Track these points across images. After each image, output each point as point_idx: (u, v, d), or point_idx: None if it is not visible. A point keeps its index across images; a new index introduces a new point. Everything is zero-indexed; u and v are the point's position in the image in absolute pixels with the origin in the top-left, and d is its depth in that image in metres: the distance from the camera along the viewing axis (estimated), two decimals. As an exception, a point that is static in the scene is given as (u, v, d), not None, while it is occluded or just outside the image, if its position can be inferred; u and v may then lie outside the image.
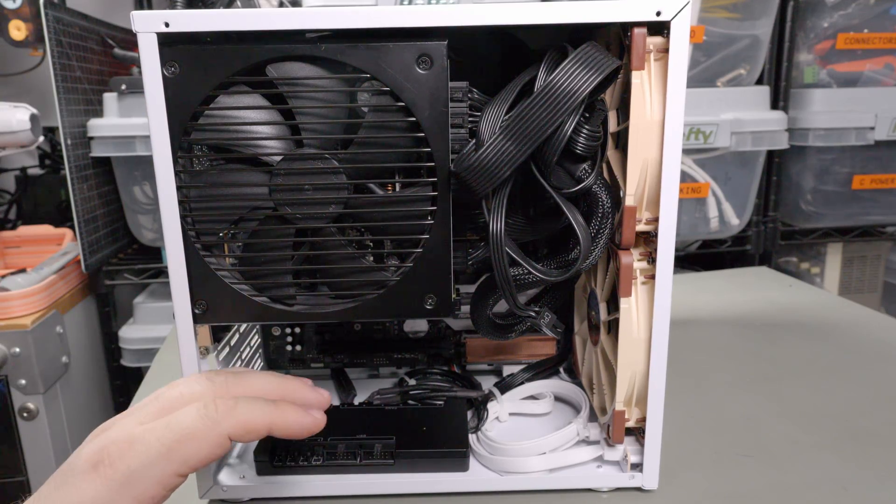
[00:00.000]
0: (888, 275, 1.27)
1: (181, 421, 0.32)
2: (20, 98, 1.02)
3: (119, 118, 1.03)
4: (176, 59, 0.36)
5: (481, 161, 0.36)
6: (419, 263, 0.40)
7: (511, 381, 0.55)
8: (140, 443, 0.31)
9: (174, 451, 0.31)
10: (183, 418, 0.32)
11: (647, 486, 0.44)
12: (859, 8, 1.09)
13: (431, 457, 0.45)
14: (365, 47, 0.36)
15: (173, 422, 0.32)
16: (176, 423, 0.32)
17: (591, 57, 0.35)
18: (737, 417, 0.54)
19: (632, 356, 0.42)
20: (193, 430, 0.32)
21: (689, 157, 1.07)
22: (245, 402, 0.34)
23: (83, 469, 0.31)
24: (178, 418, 0.32)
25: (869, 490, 0.44)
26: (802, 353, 0.67)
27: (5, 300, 0.95)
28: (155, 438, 0.31)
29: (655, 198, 0.39)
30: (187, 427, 0.32)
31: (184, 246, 0.39)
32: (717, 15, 1.03)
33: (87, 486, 0.30)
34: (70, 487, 0.30)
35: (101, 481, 0.30)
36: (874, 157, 1.13)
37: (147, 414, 0.33)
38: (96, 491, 0.30)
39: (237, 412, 0.33)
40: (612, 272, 0.43)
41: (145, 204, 1.11)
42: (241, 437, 0.34)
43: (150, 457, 0.31)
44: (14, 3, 1.07)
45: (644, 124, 0.38)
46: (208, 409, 0.33)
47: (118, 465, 0.30)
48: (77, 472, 0.31)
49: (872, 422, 0.53)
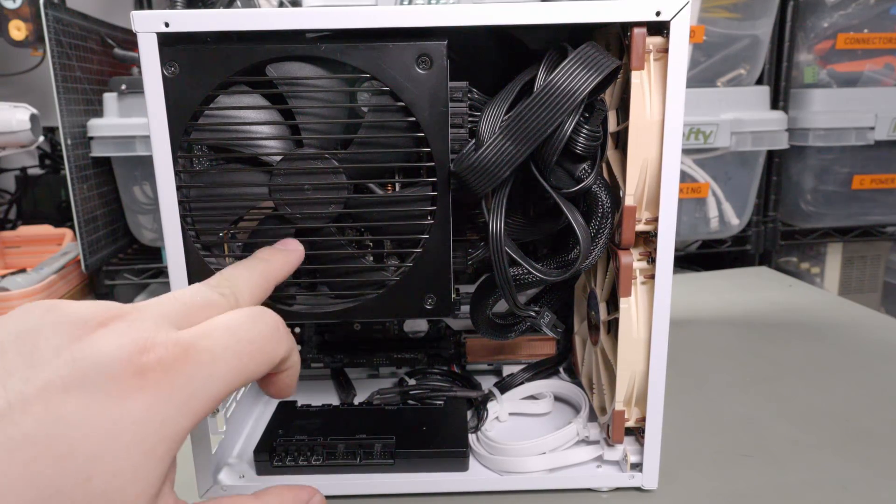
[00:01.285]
0: (888, 275, 1.27)
1: (240, 325, 0.26)
2: (20, 98, 1.02)
3: (119, 118, 1.03)
4: (176, 59, 0.36)
5: (481, 161, 0.36)
6: (419, 263, 0.40)
7: (511, 381, 0.55)
8: (202, 352, 0.24)
9: (244, 364, 0.26)
10: (243, 322, 0.26)
11: (646, 485, 0.44)
12: (859, 8, 1.09)
13: (431, 457, 0.45)
14: (365, 47, 0.36)
15: (234, 327, 0.26)
16: (240, 331, 0.26)
17: (591, 57, 0.35)
18: (737, 417, 0.54)
19: (631, 356, 0.42)
20: (260, 337, 0.26)
21: (689, 157, 1.07)
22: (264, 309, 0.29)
23: (123, 373, 0.22)
24: (236, 323, 0.26)
25: (869, 490, 0.44)
26: (802, 353, 0.67)
27: (5, 300, 0.95)
28: (222, 347, 0.25)
29: (655, 198, 0.39)
30: (258, 334, 0.26)
31: (184, 246, 0.39)
32: (717, 15, 1.03)
33: (135, 399, 0.22)
34: (104, 397, 0.21)
35: (152, 393, 0.22)
36: (874, 157, 1.13)
37: (174, 315, 0.26)
38: (147, 406, 0.22)
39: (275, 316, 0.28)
40: (612, 272, 0.43)
41: (145, 204, 1.11)
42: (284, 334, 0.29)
43: (217, 370, 0.24)
44: (14, 3, 1.07)
45: (644, 124, 0.38)
46: (264, 314, 0.28)
47: (175, 376, 0.23)
48: (113, 376, 0.22)
49: (872, 422, 0.53)
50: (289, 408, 0.50)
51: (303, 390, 0.57)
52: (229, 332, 0.26)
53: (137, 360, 0.22)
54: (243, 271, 0.32)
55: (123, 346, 0.22)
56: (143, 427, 0.22)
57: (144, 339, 0.23)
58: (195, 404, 0.24)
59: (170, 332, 0.24)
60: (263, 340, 0.27)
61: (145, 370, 0.22)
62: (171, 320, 0.25)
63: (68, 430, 0.20)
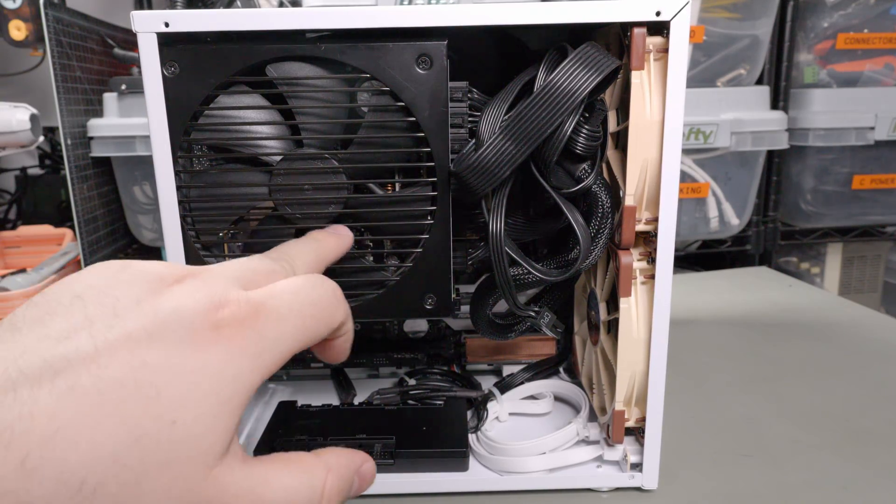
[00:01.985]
0: (888, 275, 1.27)
1: (303, 288, 0.27)
2: (20, 98, 1.01)
3: (119, 118, 1.03)
4: (176, 59, 0.36)
5: (481, 161, 0.36)
6: (419, 263, 0.40)
7: (511, 381, 0.55)
8: (272, 311, 0.25)
9: (308, 325, 0.26)
10: (305, 285, 0.27)
11: (646, 485, 0.44)
12: (859, 8, 1.09)
13: (431, 457, 0.45)
14: (365, 47, 0.36)
15: (298, 290, 0.26)
16: (303, 293, 0.26)
17: (591, 57, 0.35)
18: (737, 417, 0.54)
19: (631, 356, 0.42)
20: (321, 300, 0.27)
21: (689, 157, 1.07)
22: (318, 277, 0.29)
23: (201, 326, 0.23)
24: (299, 287, 0.27)
25: (869, 490, 0.44)
26: (802, 353, 0.67)
27: (5, 300, 0.95)
28: (287, 308, 0.25)
29: (655, 198, 0.39)
30: (319, 298, 0.27)
31: (184, 246, 0.39)
32: (717, 15, 1.03)
33: (212, 351, 0.22)
34: (184, 347, 0.22)
35: (226, 347, 0.23)
36: (874, 157, 1.13)
37: (242, 278, 0.26)
38: (222, 359, 0.23)
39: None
40: (612, 272, 0.43)
41: (145, 204, 1.11)
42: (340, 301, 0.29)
43: (285, 329, 0.25)
44: (14, 3, 1.07)
45: (644, 124, 0.38)
46: (323, 280, 0.28)
47: (248, 332, 0.24)
48: (192, 329, 0.22)
49: (872, 422, 0.53)
50: (289, 408, 0.50)
51: (303, 390, 0.57)
52: (294, 295, 0.26)
53: (213, 314, 0.23)
54: (300, 247, 0.33)
55: (200, 301, 0.23)
56: (220, 378, 0.22)
57: (219, 296, 0.24)
58: (265, 361, 0.24)
59: (240, 291, 0.25)
60: (325, 303, 0.27)
61: (221, 324, 0.23)
62: (239, 282, 0.26)
63: (154, 375, 0.21)
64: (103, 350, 0.21)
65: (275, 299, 0.25)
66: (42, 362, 0.20)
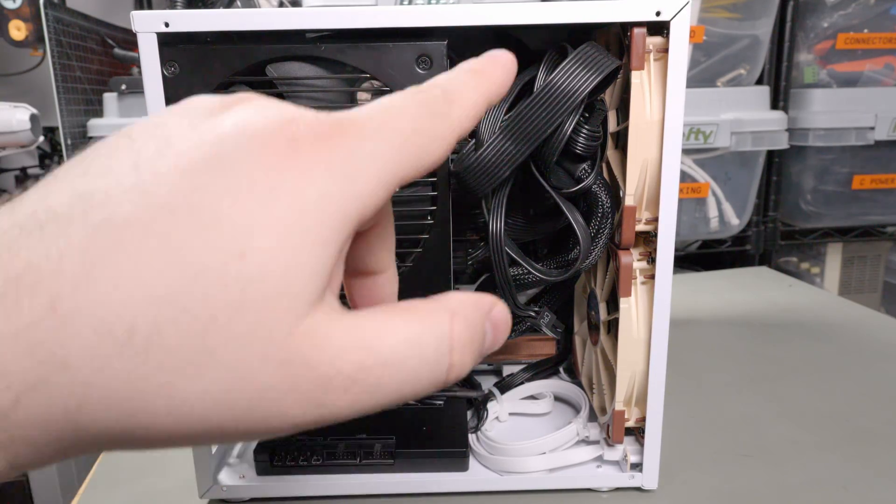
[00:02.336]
0: (888, 275, 1.27)
1: (404, 106, 0.21)
2: (20, 98, 1.02)
3: (119, 118, 1.03)
4: (176, 58, 0.36)
5: (481, 161, 0.36)
6: (419, 263, 0.40)
7: (511, 381, 0.55)
8: (362, 126, 0.20)
9: (410, 143, 0.20)
10: (406, 103, 0.21)
11: (646, 485, 0.44)
12: (859, 8, 1.09)
13: (431, 457, 0.45)
14: (365, 47, 0.36)
15: (397, 106, 0.21)
16: (399, 108, 0.20)
17: (591, 57, 0.35)
18: (737, 417, 0.54)
19: (631, 356, 0.42)
20: (423, 120, 0.21)
21: (689, 157, 1.07)
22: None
23: (270, 139, 0.18)
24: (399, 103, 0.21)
25: (869, 490, 0.44)
26: (802, 353, 0.67)
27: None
28: (380, 122, 0.20)
29: (655, 198, 0.39)
30: (419, 114, 0.21)
31: (184, 246, 0.39)
32: (717, 15, 1.03)
33: (286, 168, 0.18)
34: (250, 165, 0.18)
35: (305, 165, 0.18)
36: (874, 157, 1.13)
37: None
38: (300, 178, 0.18)
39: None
40: (612, 272, 0.43)
41: (145, 204, 1.11)
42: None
43: (380, 147, 0.19)
44: (14, 3, 1.07)
45: (644, 124, 0.38)
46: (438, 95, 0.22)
47: (332, 148, 0.19)
48: (260, 142, 0.18)
49: (872, 422, 0.53)
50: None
51: (303, 390, 0.57)
52: (387, 109, 0.21)
53: (286, 128, 0.18)
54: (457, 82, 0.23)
55: (269, 116, 0.18)
56: (299, 201, 0.18)
57: (291, 111, 0.19)
58: (359, 185, 0.19)
59: (320, 112, 0.20)
60: (429, 127, 0.21)
61: (296, 138, 0.18)
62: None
63: (212, 198, 0.17)
64: (147, 176, 0.17)
65: (365, 112, 0.20)
66: (75, 197, 0.16)
